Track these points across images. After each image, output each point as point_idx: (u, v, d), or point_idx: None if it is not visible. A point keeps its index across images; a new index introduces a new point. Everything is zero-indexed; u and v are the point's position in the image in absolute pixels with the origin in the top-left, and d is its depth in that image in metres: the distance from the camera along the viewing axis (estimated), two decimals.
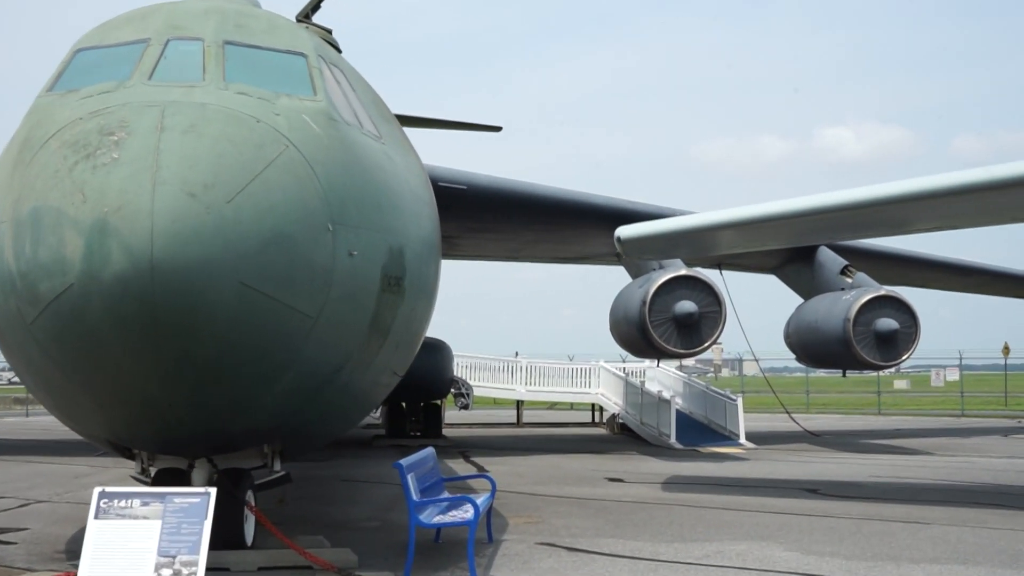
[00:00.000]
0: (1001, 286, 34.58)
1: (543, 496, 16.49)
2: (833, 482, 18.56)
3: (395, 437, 28.91)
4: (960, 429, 35.68)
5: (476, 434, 34.23)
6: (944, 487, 17.87)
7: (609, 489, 17.57)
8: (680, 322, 23.27)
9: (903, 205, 14.50)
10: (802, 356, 29.90)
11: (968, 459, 23.49)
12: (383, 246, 10.04)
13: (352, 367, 10.11)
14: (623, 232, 16.39)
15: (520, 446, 28.18)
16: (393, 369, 11.71)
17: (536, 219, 25.96)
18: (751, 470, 20.97)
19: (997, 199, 14.07)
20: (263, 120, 9.01)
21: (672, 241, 16.67)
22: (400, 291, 10.51)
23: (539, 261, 32.77)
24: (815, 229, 16.12)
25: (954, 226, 16.42)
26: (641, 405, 29.99)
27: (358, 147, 10.13)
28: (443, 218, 26.14)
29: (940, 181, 13.98)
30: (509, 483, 18.37)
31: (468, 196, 24.11)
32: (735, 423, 28.04)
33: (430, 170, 24.32)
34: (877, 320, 25.42)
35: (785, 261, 30.60)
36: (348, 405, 11.06)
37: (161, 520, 7.77)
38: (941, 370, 53.01)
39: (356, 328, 9.81)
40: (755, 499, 16.08)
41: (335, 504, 15.60)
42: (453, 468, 21.47)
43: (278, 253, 8.50)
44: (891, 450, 26.35)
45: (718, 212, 15.75)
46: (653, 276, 23.75)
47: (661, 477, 19.48)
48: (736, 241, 16.97)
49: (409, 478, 10.09)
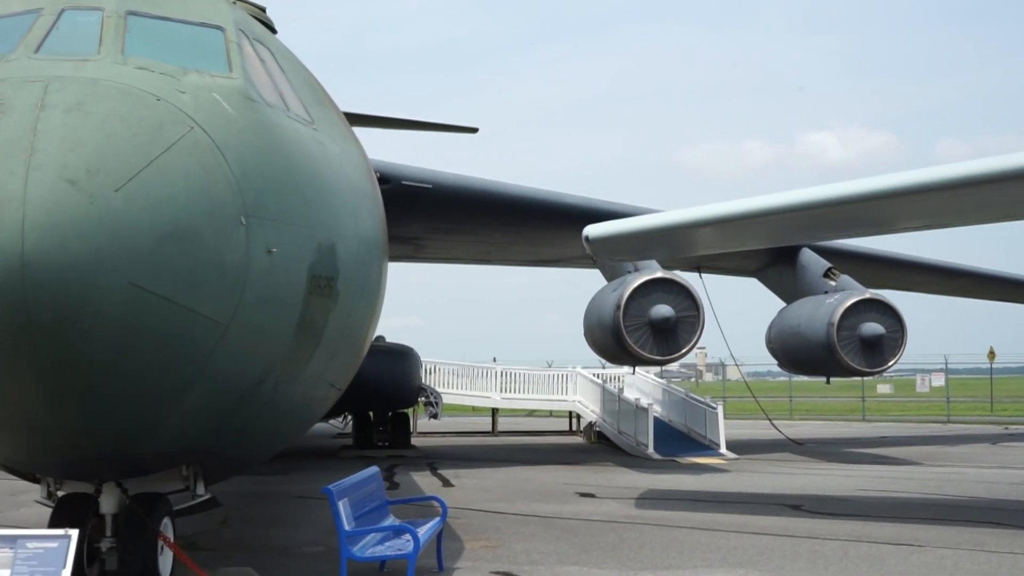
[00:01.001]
0: (987, 289, 33.64)
1: (507, 515, 15.34)
2: (817, 497, 17.46)
3: (362, 448, 27.76)
4: (947, 436, 34.66)
5: (448, 444, 33.09)
6: (935, 502, 16.79)
7: (579, 506, 16.44)
8: (656, 327, 22.13)
9: (890, 201, 13.42)
10: (784, 362, 28.81)
11: (957, 469, 22.44)
12: (310, 243, 8.88)
13: (277, 380, 8.96)
14: (592, 231, 15.28)
15: (492, 457, 27.03)
16: (330, 381, 10.54)
17: (506, 220, 24.81)
18: (731, 483, 19.86)
19: (990, 194, 13.01)
20: (164, 98, 7.84)
21: (645, 240, 15.55)
22: (333, 294, 9.35)
23: (512, 264, 31.55)
24: (797, 227, 15.03)
25: (943, 224, 15.34)
26: (618, 413, 28.88)
27: (281, 131, 8.96)
28: (408, 218, 25.24)
29: (930, 175, 12.91)
30: (473, 499, 17.24)
31: (434, 195, 22.99)
32: (715, 432, 26.92)
33: (393, 168, 23.31)
34: (862, 324, 24.35)
35: (767, 263, 29.54)
36: (277, 422, 9.87)
37: (10, 570, 6.55)
38: (926, 375, 51.99)
39: (278, 335, 8.65)
40: (734, 517, 14.97)
41: (281, 525, 14.43)
42: (417, 482, 20.34)
43: (178, 249, 7.31)
44: (877, 460, 25.29)
45: (694, 209, 14.65)
46: (628, 279, 22.63)
47: (635, 491, 18.36)
48: (714, 241, 15.87)
49: (341, 505, 8.94)
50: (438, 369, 34.51)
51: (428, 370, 34.13)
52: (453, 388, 35.02)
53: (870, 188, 13.42)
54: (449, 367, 35.18)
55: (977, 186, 12.68)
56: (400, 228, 25.19)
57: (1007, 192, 12.88)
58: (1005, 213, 14.44)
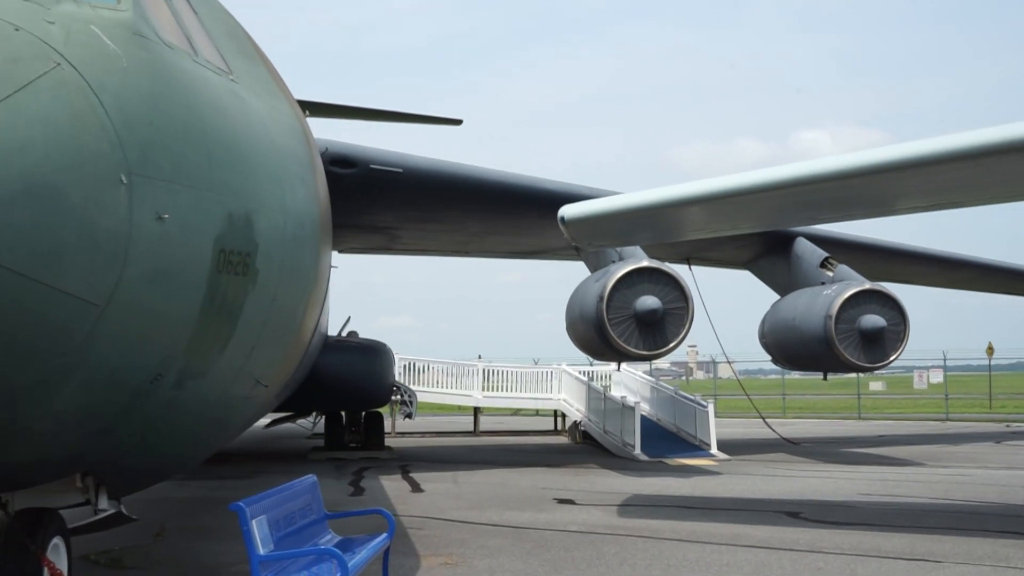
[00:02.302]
0: (991, 281, 32.22)
1: (475, 525, 13.87)
2: (818, 503, 16.03)
3: (334, 449, 26.25)
4: (948, 435, 33.27)
5: (427, 444, 31.62)
6: (946, 508, 15.36)
7: (556, 514, 14.99)
8: (642, 320, 20.64)
9: (894, 175, 11.99)
10: (779, 358, 27.39)
11: (964, 471, 21.02)
12: (217, 211, 7.38)
13: (180, 374, 7.48)
14: (568, 211, 13.83)
15: (470, 458, 25.56)
16: (255, 376, 9.00)
17: (482, 207, 23.29)
18: (723, 487, 18.42)
19: (1005, 167, 11.57)
20: (25, 28, 6.33)
21: (628, 222, 14.09)
22: (249, 272, 7.85)
23: (492, 255, 29.95)
24: (792, 206, 13.57)
25: (951, 202, 13.86)
26: (604, 412, 27.42)
27: (182, 77, 7.44)
28: (379, 205, 23.74)
29: (937, 145, 11.47)
30: (440, 507, 15.78)
31: (405, 180, 21.50)
32: (706, 431, 25.44)
33: (359, 151, 21.80)
34: (862, 317, 22.93)
35: (759, 254, 28.12)
36: (188, 425, 8.33)
37: None
38: (924, 371, 50.54)
39: (176, 321, 7.17)
40: (727, 527, 13.52)
41: (218, 538, 12.92)
42: (385, 487, 18.87)
43: (34, 212, 5.82)
44: (877, 460, 23.86)
45: (680, 186, 13.20)
46: (611, 269, 21.15)
47: (619, 497, 16.93)
48: (702, 222, 14.41)
49: (255, 525, 7.44)
50: (416, 367, 33.12)
51: (404, 368, 32.81)
52: (432, 387, 33.68)
53: (871, 160, 11.99)
54: (428, 364, 33.78)
55: (990, 157, 11.25)
56: (371, 216, 23.73)
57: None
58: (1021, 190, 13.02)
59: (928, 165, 11.60)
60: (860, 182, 12.25)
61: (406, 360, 33.63)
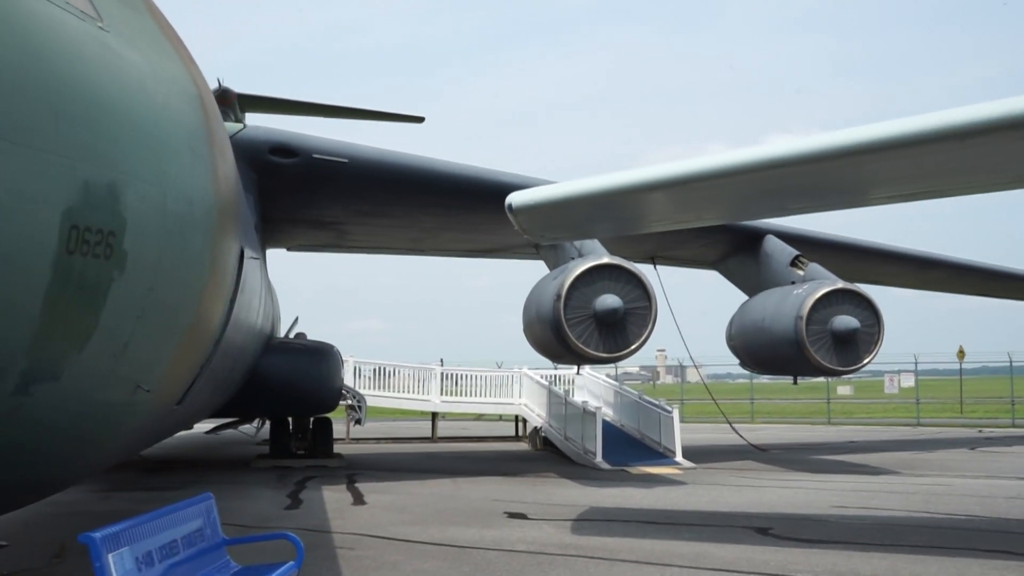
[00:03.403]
0: (965, 282, 31.20)
1: (414, 544, 12.58)
2: (789, 517, 14.82)
3: (279, 457, 24.82)
4: (921, 441, 32.23)
5: (381, 451, 30.23)
6: (928, 523, 14.18)
7: (505, 530, 13.71)
8: (602, 320, 19.38)
9: (877, 157, 10.77)
10: (747, 361, 26.20)
11: (942, 480, 19.90)
12: (68, 178, 6.05)
13: (25, 378, 6.16)
14: (517, 199, 12.57)
15: (423, 467, 24.26)
16: (134, 380, 7.64)
17: (435, 201, 21.97)
18: (687, 499, 17.20)
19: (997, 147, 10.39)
20: None
21: (583, 210, 12.82)
22: (115, 256, 6.53)
23: (449, 254, 28.56)
24: (761, 193, 12.34)
25: (934, 190, 12.62)
26: (565, 417, 26.17)
27: (21, 15, 6.12)
28: (324, 198, 22.38)
29: (932, 122, 10.26)
30: (380, 523, 14.48)
31: (351, 171, 20.18)
32: (671, 438, 24.21)
33: (301, 139, 20.46)
34: (834, 318, 21.81)
35: (727, 253, 26.98)
36: (42, 440, 6.96)
37: None
38: (895, 375, 49.50)
39: (10, 312, 5.86)
40: (689, 546, 12.28)
41: None
42: (325, 498, 17.53)
43: None
44: (850, 468, 22.72)
45: (639, 170, 11.96)
46: (569, 266, 19.89)
47: (575, 511, 15.68)
48: (664, 210, 13.16)
49: (111, 560, 6.10)
50: (371, 371, 31.84)
51: (359, 372, 31.54)
52: (388, 391, 32.41)
53: (848, 141, 10.77)
54: (383, 368, 32.47)
55: (983, 136, 10.06)
56: (317, 210, 22.40)
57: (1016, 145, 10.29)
58: (1014, 175, 11.84)
59: (911, 146, 10.40)
60: (835, 166, 11.04)
61: (361, 364, 32.37)
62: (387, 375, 32.75)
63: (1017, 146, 10.27)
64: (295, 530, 13.82)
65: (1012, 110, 9.78)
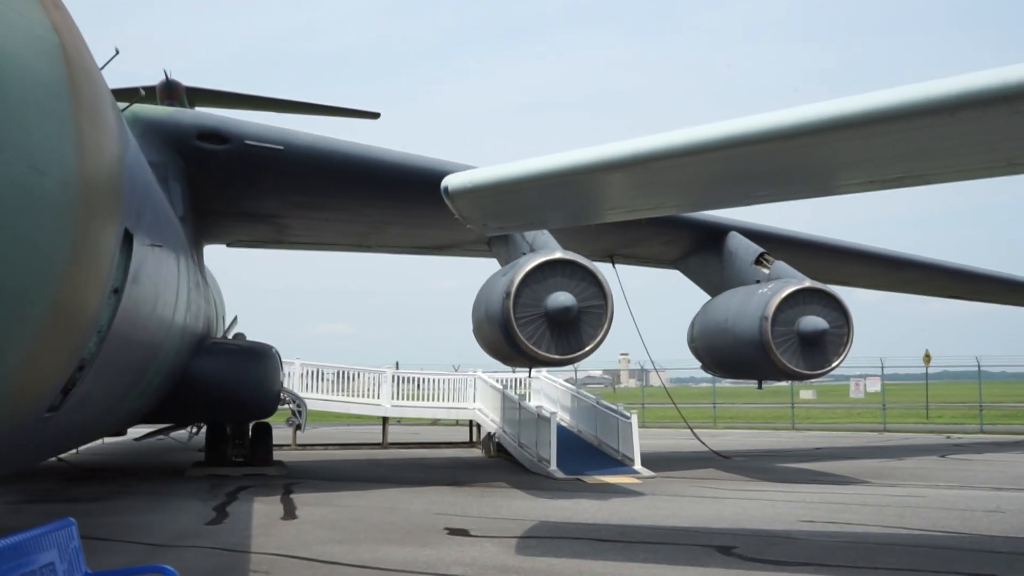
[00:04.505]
0: (935, 284, 30.22)
1: (337, 567, 11.25)
2: (754, 533, 13.60)
3: (215, 464, 23.38)
4: (889, 448, 31.17)
5: (327, 458, 28.81)
6: (904, 541, 12.99)
7: (442, 549, 12.41)
8: (554, 319, 18.11)
9: (856, 134, 9.57)
10: (709, 364, 25.04)
11: (914, 491, 18.77)
12: None
13: None
14: (454, 181, 11.28)
15: (367, 475, 22.92)
16: None
17: (377, 192, 20.60)
18: (644, 512, 15.96)
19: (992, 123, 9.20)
20: None
21: (528, 195, 11.53)
22: None
23: (397, 251, 27.10)
24: (724, 176, 11.10)
25: (923, 175, 11.40)
26: (519, 423, 24.88)
27: None
28: (259, 188, 20.90)
29: (919, 92, 9.05)
30: (305, 541, 13.13)
31: (287, 160, 18.83)
32: (629, 445, 22.96)
33: (232, 124, 19.02)
34: (802, 319, 20.67)
35: (689, 251, 25.82)
36: None
37: None
38: (861, 380, 48.50)
39: None
40: (644, 569, 11.03)
41: None
42: (255, 511, 16.16)
43: None
44: (817, 478, 21.55)
45: (588, 149, 10.69)
46: (520, 261, 18.62)
47: (523, 526, 14.40)
48: (620, 196, 11.90)
49: None
50: (319, 374, 30.50)
51: (307, 374, 30.24)
52: (336, 395, 31.07)
53: (823, 115, 9.56)
54: (332, 371, 31.11)
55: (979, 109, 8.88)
56: (252, 202, 21.01)
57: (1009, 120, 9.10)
58: (1006, 158, 10.66)
59: (894, 121, 9.20)
60: (807, 143, 9.84)
61: (308, 366, 31.04)
62: (336, 378, 31.43)
63: (1012, 122, 9.08)
64: (211, 549, 12.52)
65: (1008, 79, 8.61)
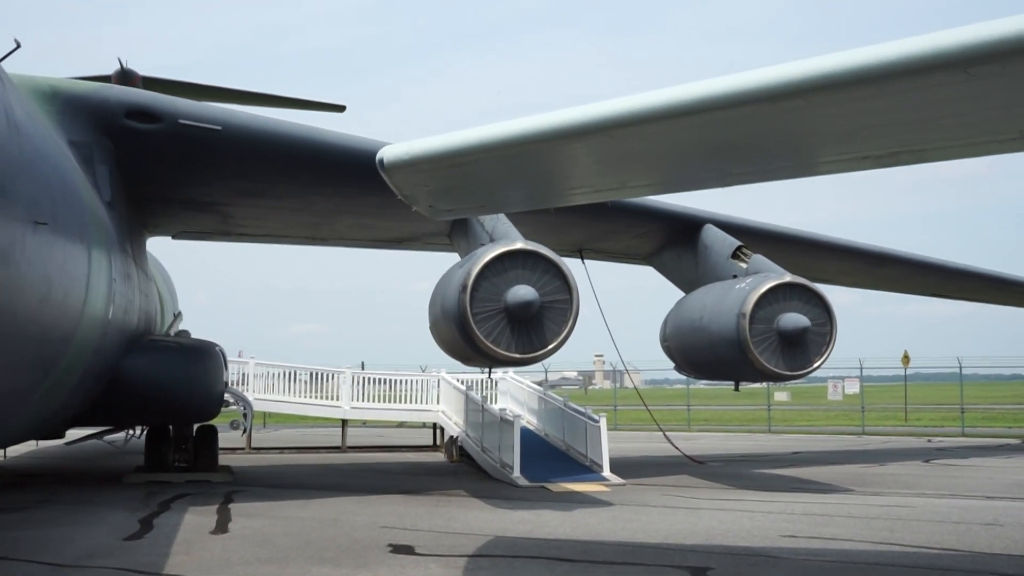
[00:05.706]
0: (919, 281, 28.99)
1: None
2: (731, 551, 12.23)
3: (156, 470, 21.82)
4: (870, 452, 29.94)
5: (280, 462, 27.31)
6: (898, 561, 11.66)
7: (379, 571, 10.99)
8: (515, 315, 16.70)
9: (848, 95, 8.19)
10: (683, 365, 23.71)
11: (902, 500, 17.49)
12: None
13: None
14: (390, 153, 9.85)
15: (318, 482, 21.45)
16: None
17: (329, 179, 19.09)
18: (610, 525, 14.57)
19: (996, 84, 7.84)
20: None
21: (477, 169, 10.10)
22: None
23: (351, 244, 25.51)
24: (698, 149, 9.73)
25: (919, 150, 10.05)
26: (483, 426, 23.48)
27: None
28: (197, 173, 19.26)
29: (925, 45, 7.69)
30: (229, 560, 11.69)
31: (226, 141, 17.34)
32: (598, 450, 21.56)
33: (164, 102, 17.51)
34: (781, 316, 19.34)
35: (662, 245, 24.50)
36: None
37: None
38: (839, 381, 47.28)
39: None
40: None
41: None
42: (183, 524, 14.69)
43: None
44: (798, 486, 20.22)
45: (546, 114, 9.28)
46: (478, 252, 17.20)
47: (476, 541, 13.00)
48: (581, 172, 10.47)
49: None
50: (273, 374, 29.07)
51: (262, 375, 28.84)
52: (293, 396, 29.67)
53: (811, 72, 8.17)
54: (287, 371, 29.68)
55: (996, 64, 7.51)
56: (191, 188, 19.49)
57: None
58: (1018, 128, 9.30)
59: (899, 78, 7.83)
60: (793, 107, 8.46)
61: (263, 367, 29.62)
62: (295, 378, 30.03)
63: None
64: (117, 571, 11.07)
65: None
